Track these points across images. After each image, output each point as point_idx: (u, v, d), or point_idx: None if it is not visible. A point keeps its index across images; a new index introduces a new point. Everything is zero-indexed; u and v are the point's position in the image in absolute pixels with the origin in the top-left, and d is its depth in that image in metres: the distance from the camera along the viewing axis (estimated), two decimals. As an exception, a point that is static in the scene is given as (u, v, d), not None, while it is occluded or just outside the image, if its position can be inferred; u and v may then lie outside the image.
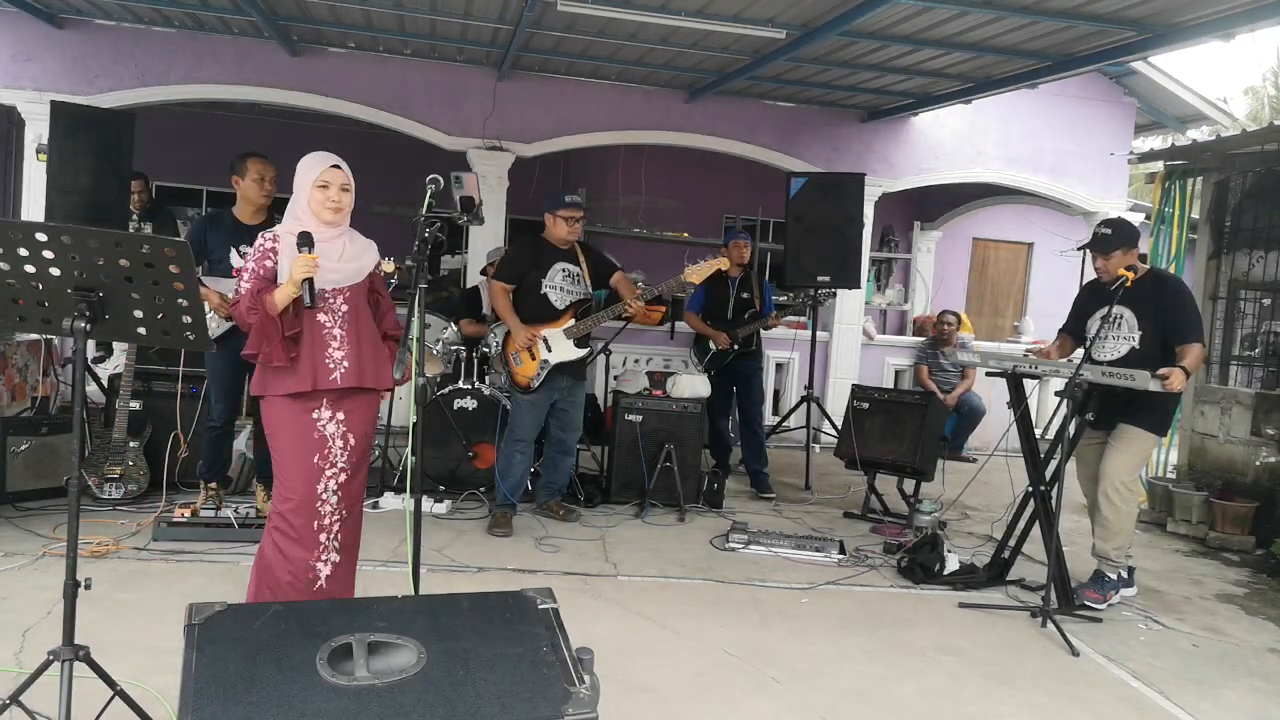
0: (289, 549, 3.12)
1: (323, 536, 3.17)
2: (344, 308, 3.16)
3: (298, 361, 3.08)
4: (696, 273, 4.92)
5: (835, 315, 8.71)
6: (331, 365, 3.11)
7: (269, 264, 3.08)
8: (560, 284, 5.03)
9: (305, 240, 2.99)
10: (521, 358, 4.98)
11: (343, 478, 3.19)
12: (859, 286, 7.74)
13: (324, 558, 3.18)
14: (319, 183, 3.11)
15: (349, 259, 3.17)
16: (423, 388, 3.12)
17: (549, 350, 4.96)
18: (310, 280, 2.96)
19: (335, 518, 3.19)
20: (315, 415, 3.14)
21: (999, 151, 8.96)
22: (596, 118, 8.21)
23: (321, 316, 3.12)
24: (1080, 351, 4.47)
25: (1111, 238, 4.41)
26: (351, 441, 3.20)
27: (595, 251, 5.30)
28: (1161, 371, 4.01)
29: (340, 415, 3.17)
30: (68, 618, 2.40)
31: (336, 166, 3.15)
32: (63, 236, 2.36)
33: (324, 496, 3.16)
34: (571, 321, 4.98)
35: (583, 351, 5.02)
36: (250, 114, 9.56)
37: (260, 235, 3.18)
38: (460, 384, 5.76)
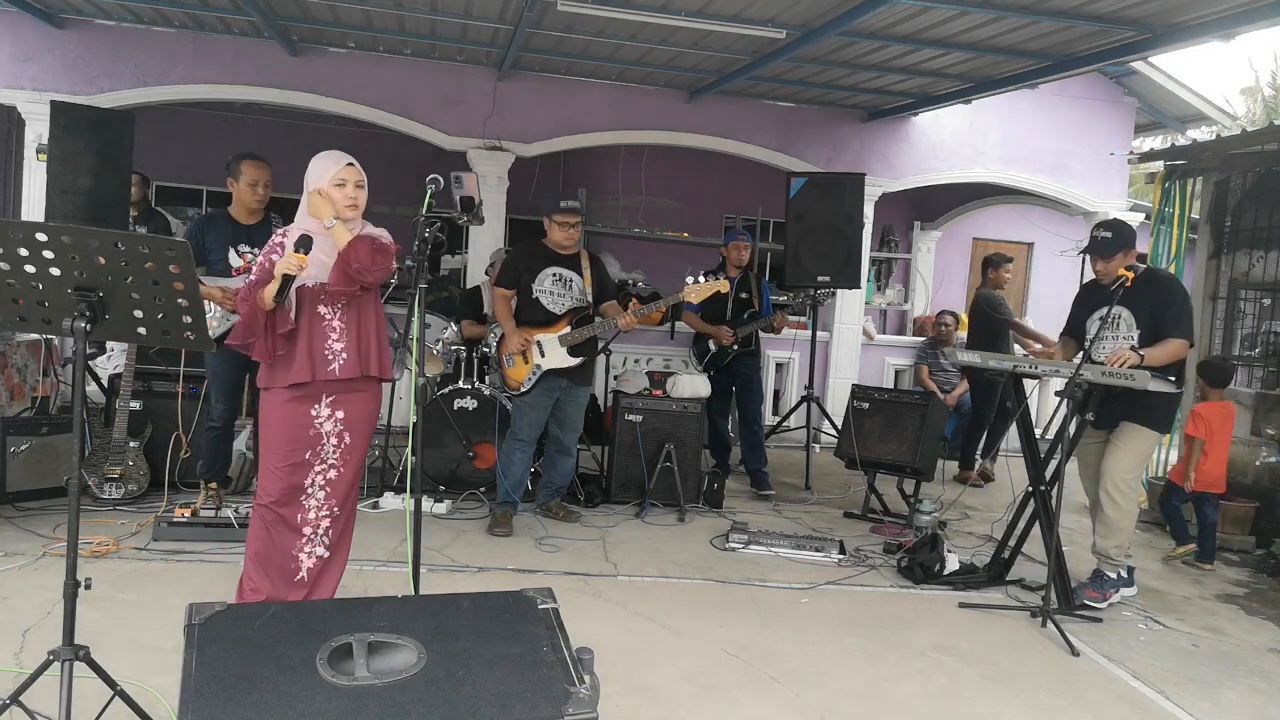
0: (277, 537, 3.18)
1: (307, 530, 3.20)
2: (343, 299, 3.17)
3: (293, 355, 3.12)
4: (696, 292, 4.86)
5: (835, 315, 8.71)
6: (330, 356, 3.14)
7: (275, 258, 3.10)
8: (550, 288, 5.03)
9: (303, 242, 3.02)
10: (514, 360, 5.00)
11: (332, 474, 3.21)
12: (859, 286, 7.74)
13: (308, 550, 3.21)
14: (336, 180, 3.15)
15: None
16: (423, 388, 3.14)
17: (542, 355, 4.97)
18: (288, 278, 2.99)
19: (324, 513, 3.22)
20: (314, 412, 3.16)
21: (999, 151, 8.95)
22: (596, 118, 8.21)
23: (322, 309, 3.16)
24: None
25: (1112, 240, 4.41)
26: (348, 440, 3.21)
27: (603, 270, 5.25)
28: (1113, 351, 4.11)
29: (340, 414, 3.19)
30: (68, 618, 2.40)
31: (351, 164, 3.19)
32: (63, 236, 2.36)
33: (310, 491, 3.19)
34: (567, 329, 4.98)
35: (576, 360, 5.00)
36: (250, 114, 9.55)
37: (275, 231, 3.25)
38: (460, 384, 5.77)
